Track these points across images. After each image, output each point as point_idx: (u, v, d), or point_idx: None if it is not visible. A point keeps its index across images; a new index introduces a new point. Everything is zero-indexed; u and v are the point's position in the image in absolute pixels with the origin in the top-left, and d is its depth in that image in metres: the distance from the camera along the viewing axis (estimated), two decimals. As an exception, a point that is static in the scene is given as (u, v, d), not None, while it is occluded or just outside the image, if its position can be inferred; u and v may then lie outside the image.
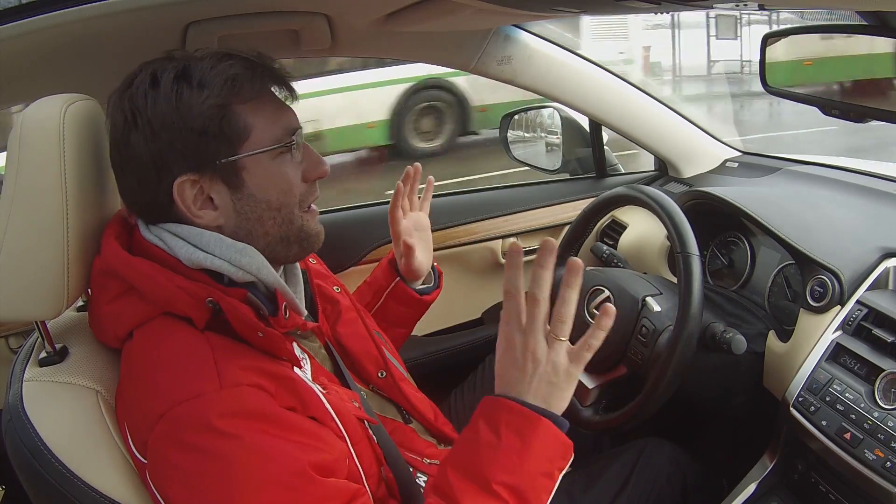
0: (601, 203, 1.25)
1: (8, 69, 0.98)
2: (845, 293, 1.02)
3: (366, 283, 1.21)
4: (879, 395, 0.89)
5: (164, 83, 0.74)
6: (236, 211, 0.78)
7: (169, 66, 0.75)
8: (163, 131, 0.73)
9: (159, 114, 0.73)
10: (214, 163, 0.75)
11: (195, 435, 0.66)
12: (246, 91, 0.76)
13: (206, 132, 0.74)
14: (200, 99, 0.73)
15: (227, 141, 0.75)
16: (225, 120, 0.75)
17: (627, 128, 1.61)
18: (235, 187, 0.77)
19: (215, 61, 0.75)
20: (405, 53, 1.47)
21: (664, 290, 1.15)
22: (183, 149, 0.74)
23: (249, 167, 0.77)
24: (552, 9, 1.10)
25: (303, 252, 0.85)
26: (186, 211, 0.76)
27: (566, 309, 0.74)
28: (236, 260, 0.77)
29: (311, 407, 0.74)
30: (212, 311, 0.73)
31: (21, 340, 1.45)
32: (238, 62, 0.76)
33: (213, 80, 0.74)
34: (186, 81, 0.74)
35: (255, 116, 0.77)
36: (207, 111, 0.74)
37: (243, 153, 0.76)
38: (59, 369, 0.78)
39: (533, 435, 0.72)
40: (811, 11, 1.28)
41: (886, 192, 1.24)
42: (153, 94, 0.74)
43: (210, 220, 0.77)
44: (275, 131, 0.78)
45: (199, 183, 0.76)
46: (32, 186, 0.75)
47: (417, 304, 1.18)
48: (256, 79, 0.77)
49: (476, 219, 1.64)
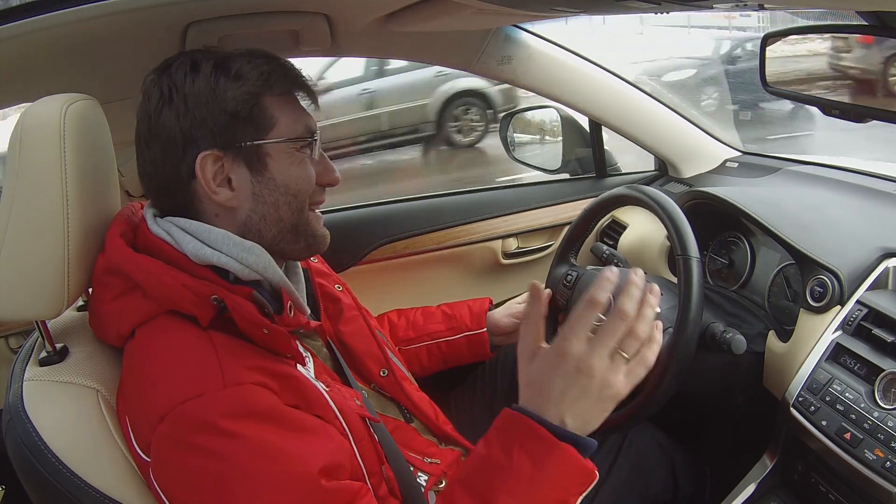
0: (601, 203, 1.25)
1: (8, 69, 0.98)
2: (845, 293, 1.02)
3: (444, 313, 1.26)
4: (879, 395, 0.89)
5: (203, 69, 0.78)
6: (254, 193, 0.80)
7: (208, 56, 0.80)
8: (196, 108, 0.77)
9: (195, 92, 0.77)
10: (240, 144, 0.78)
11: (199, 435, 0.66)
12: (277, 87, 0.81)
13: (237, 115, 0.78)
14: (236, 86, 0.78)
15: (255, 126, 0.79)
16: (256, 107, 0.79)
17: (627, 128, 1.61)
18: (257, 171, 0.80)
19: (252, 57, 0.80)
20: (405, 53, 1.48)
21: (664, 291, 1.15)
22: (213, 126, 0.77)
23: (273, 154, 0.80)
24: (552, 9, 1.10)
25: (308, 250, 0.86)
26: (205, 185, 0.77)
27: (644, 325, 0.72)
28: (243, 258, 0.77)
29: (314, 405, 0.74)
30: (216, 309, 0.73)
31: (21, 340, 1.45)
32: (273, 62, 0.82)
33: (250, 73, 0.79)
34: (224, 71, 0.78)
35: (281, 111, 0.81)
36: (241, 96, 0.78)
37: (269, 139, 0.80)
38: (59, 369, 0.78)
39: (548, 461, 0.68)
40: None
41: (886, 192, 1.24)
42: (193, 75, 0.78)
43: (225, 198, 0.79)
44: (297, 128, 0.82)
45: (222, 160, 0.78)
46: (33, 186, 0.75)
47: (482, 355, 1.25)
48: (289, 80, 0.83)
49: (476, 219, 1.64)
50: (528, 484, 0.68)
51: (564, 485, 0.69)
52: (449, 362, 1.25)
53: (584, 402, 0.70)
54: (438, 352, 1.23)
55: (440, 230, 1.60)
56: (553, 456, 0.68)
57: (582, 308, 0.72)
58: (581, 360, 0.70)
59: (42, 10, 0.88)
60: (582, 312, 0.72)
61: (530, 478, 0.68)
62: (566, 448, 0.69)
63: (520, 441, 0.69)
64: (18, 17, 0.88)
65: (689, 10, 0.90)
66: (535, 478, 0.68)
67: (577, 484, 0.70)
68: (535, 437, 0.69)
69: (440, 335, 1.22)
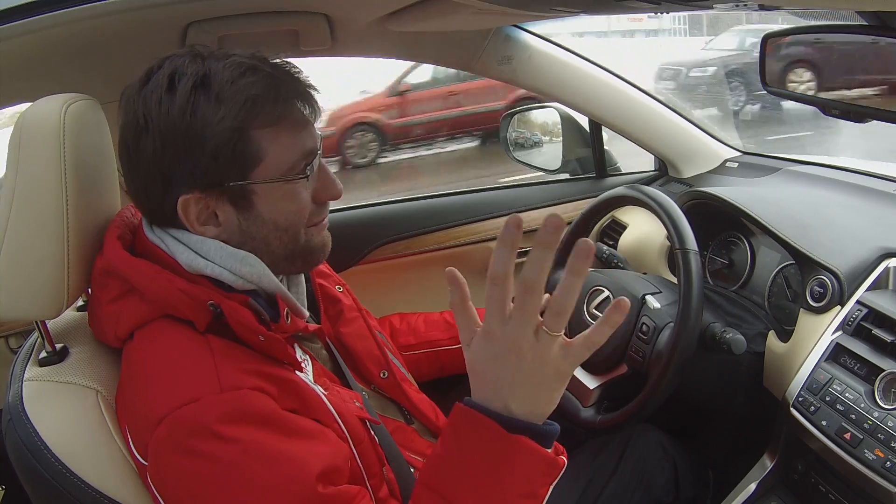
0: (601, 203, 1.25)
1: (8, 69, 0.98)
2: (845, 293, 1.02)
3: (445, 322, 1.24)
4: (879, 395, 0.89)
5: (180, 90, 0.70)
6: (241, 230, 0.77)
7: (189, 70, 0.71)
8: (173, 144, 0.71)
9: (171, 125, 0.70)
10: (223, 184, 0.73)
11: (196, 440, 0.66)
12: (266, 114, 0.72)
13: (217, 156, 0.71)
14: (217, 117, 0.70)
15: (239, 166, 0.73)
16: (239, 143, 0.72)
17: (627, 128, 1.61)
18: (243, 209, 0.76)
19: (237, 74, 0.71)
20: (405, 53, 1.47)
21: (664, 289, 1.15)
22: (192, 168, 0.72)
23: (260, 192, 0.75)
24: (552, 9, 1.10)
25: (306, 266, 0.84)
26: (189, 226, 0.75)
27: (566, 300, 0.61)
28: (237, 269, 0.76)
29: (313, 409, 0.74)
30: (213, 314, 0.73)
31: (21, 340, 1.45)
32: (262, 80, 0.72)
33: (233, 97, 0.70)
34: (205, 92, 0.70)
35: (271, 143, 0.74)
36: (221, 133, 0.70)
37: (254, 180, 0.74)
38: (59, 369, 0.78)
39: (505, 456, 0.64)
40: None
41: (886, 192, 1.24)
42: (168, 100, 0.71)
43: (213, 234, 0.77)
44: (290, 158, 0.75)
45: (205, 200, 0.74)
46: (32, 186, 0.75)
47: None
48: (280, 101, 0.73)
49: (476, 219, 1.64)
50: (488, 481, 0.64)
51: (527, 477, 0.65)
52: (446, 371, 1.24)
53: (523, 385, 0.64)
54: (437, 360, 1.22)
55: (440, 230, 1.60)
56: (508, 449, 0.63)
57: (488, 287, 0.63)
58: (504, 340, 0.63)
59: (42, 10, 0.88)
60: (489, 291, 0.63)
61: (489, 474, 0.64)
62: (520, 440, 0.63)
63: (472, 437, 0.65)
64: (18, 16, 0.88)
65: (690, 10, 0.90)
66: (494, 474, 0.64)
67: (541, 475, 0.65)
68: (486, 432, 0.64)
69: (440, 343, 1.22)
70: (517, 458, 0.64)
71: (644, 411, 1.03)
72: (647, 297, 1.12)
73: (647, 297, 1.12)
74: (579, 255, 0.60)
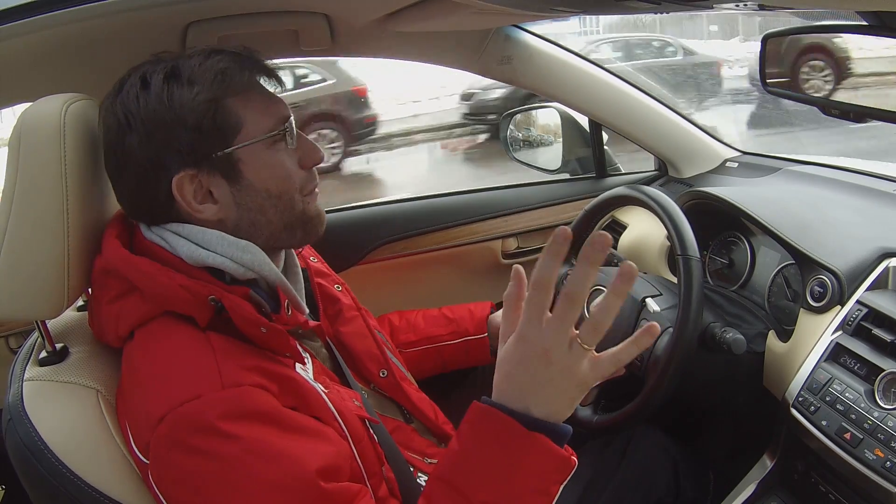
0: (601, 203, 1.25)
1: (8, 69, 0.98)
2: (845, 293, 1.02)
3: (445, 317, 1.24)
4: (879, 395, 0.89)
5: (154, 84, 0.74)
6: (237, 203, 0.78)
7: (158, 68, 0.76)
8: (157, 131, 0.74)
9: (152, 114, 0.74)
10: (211, 157, 0.76)
11: (197, 437, 0.66)
12: (236, 84, 0.76)
13: (199, 128, 0.75)
14: (191, 95, 0.74)
15: (222, 134, 0.76)
16: (218, 114, 0.75)
17: (627, 128, 1.61)
18: (234, 179, 0.78)
19: (203, 58, 0.76)
20: (405, 53, 1.47)
21: (664, 291, 1.15)
22: (179, 146, 0.75)
23: (245, 158, 0.78)
24: (552, 9, 1.10)
25: (307, 236, 0.85)
26: (187, 206, 0.76)
27: (605, 317, 0.65)
28: (238, 257, 0.77)
29: (313, 406, 0.74)
30: (214, 310, 0.73)
31: (21, 340, 1.45)
32: (226, 56, 0.77)
33: (203, 75, 0.75)
34: (176, 80, 0.75)
35: (245, 109, 0.77)
36: (199, 106, 0.74)
37: (238, 144, 0.77)
38: (59, 369, 0.78)
39: (523, 453, 0.66)
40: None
41: (886, 192, 1.24)
42: (144, 95, 0.74)
43: (211, 213, 0.78)
44: (266, 121, 0.79)
45: (198, 177, 0.76)
46: (32, 186, 0.75)
47: (482, 360, 1.23)
48: (245, 71, 0.78)
49: (476, 219, 1.63)
50: (504, 476, 0.67)
51: (542, 475, 0.68)
52: (448, 366, 1.24)
53: (546, 391, 0.67)
54: (438, 356, 1.22)
55: (440, 230, 1.60)
56: (526, 447, 0.66)
57: (530, 292, 0.67)
58: (538, 346, 0.66)
59: (42, 10, 0.88)
60: (531, 295, 0.66)
61: (506, 470, 0.67)
62: (538, 437, 0.66)
63: (493, 433, 0.67)
64: (18, 17, 0.88)
65: (690, 10, 0.90)
66: (511, 470, 0.67)
67: (554, 472, 0.68)
68: (506, 429, 0.67)
69: (441, 339, 1.22)
70: (534, 455, 0.67)
71: (640, 415, 1.03)
72: (647, 300, 1.12)
73: (646, 300, 1.12)
74: (623, 277, 0.64)
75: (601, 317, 0.65)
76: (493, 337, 1.22)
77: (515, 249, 1.68)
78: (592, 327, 0.66)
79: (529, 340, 0.66)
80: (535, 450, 0.67)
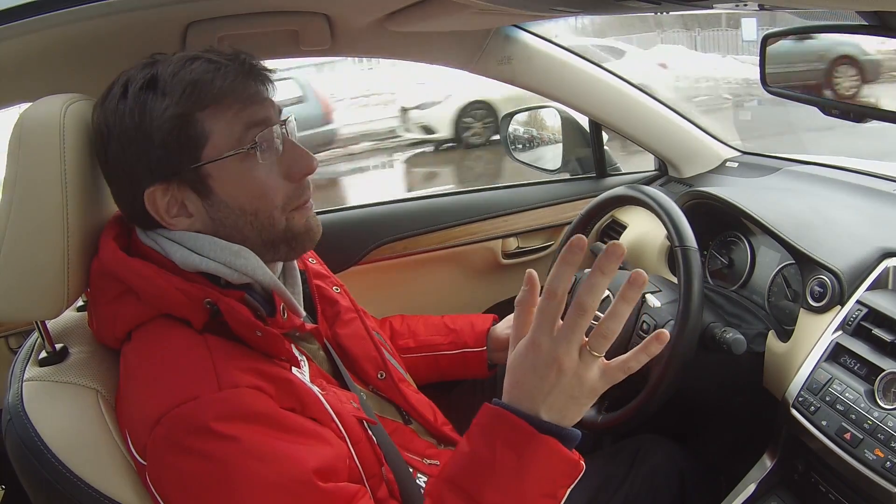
0: (601, 203, 1.25)
1: (8, 69, 0.98)
2: (845, 293, 1.02)
3: (446, 326, 1.23)
4: (879, 395, 0.89)
5: (131, 94, 0.74)
6: (211, 217, 0.77)
7: (140, 75, 0.75)
8: (130, 145, 0.74)
9: (125, 129, 0.74)
10: (179, 172, 0.75)
11: (193, 438, 0.66)
12: (206, 95, 0.73)
13: (166, 145, 0.74)
14: (161, 108, 0.73)
15: (188, 150, 0.74)
16: (183, 130, 0.73)
17: (627, 128, 1.61)
18: (204, 195, 0.76)
19: (179, 66, 0.74)
20: (405, 53, 1.47)
21: (663, 288, 1.15)
22: (149, 161, 0.75)
23: (214, 174, 0.76)
24: (552, 9, 1.10)
25: (292, 252, 0.83)
26: (160, 220, 0.76)
27: (614, 325, 0.66)
28: (231, 262, 0.76)
29: (310, 408, 0.74)
30: (209, 313, 0.73)
31: (21, 340, 1.45)
32: (202, 64, 0.74)
33: (174, 87, 0.73)
34: (152, 90, 0.74)
35: (214, 121, 0.74)
36: (166, 124, 0.73)
37: (206, 160, 0.75)
38: (59, 369, 0.78)
39: (533, 455, 0.67)
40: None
41: (886, 192, 1.24)
42: (122, 106, 0.74)
43: (185, 226, 0.77)
44: (235, 131, 0.75)
45: (170, 191, 0.76)
46: (32, 186, 0.75)
47: (479, 374, 1.23)
48: (217, 79, 0.74)
49: (476, 219, 1.63)
50: (513, 478, 0.67)
51: (550, 477, 0.68)
52: (445, 376, 1.24)
53: (558, 397, 0.67)
54: (435, 364, 1.22)
55: (440, 230, 1.60)
56: (536, 449, 0.67)
57: (542, 299, 0.67)
58: (549, 354, 0.66)
59: (42, 10, 0.88)
60: (543, 303, 0.67)
61: (515, 472, 0.67)
62: (548, 440, 0.67)
63: (503, 435, 0.68)
64: (18, 17, 0.88)
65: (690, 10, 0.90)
66: (521, 472, 0.67)
67: (563, 475, 0.69)
68: (519, 431, 0.67)
69: (440, 348, 1.21)
70: (543, 458, 0.67)
71: (643, 413, 1.03)
72: (647, 296, 1.12)
73: (646, 296, 1.12)
74: (633, 284, 0.65)
75: (610, 324, 0.66)
76: (492, 350, 1.22)
77: (515, 249, 1.68)
78: (602, 335, 0.66)
79: (541, 348, 0.67)
80: (544, 452, 0.67)
